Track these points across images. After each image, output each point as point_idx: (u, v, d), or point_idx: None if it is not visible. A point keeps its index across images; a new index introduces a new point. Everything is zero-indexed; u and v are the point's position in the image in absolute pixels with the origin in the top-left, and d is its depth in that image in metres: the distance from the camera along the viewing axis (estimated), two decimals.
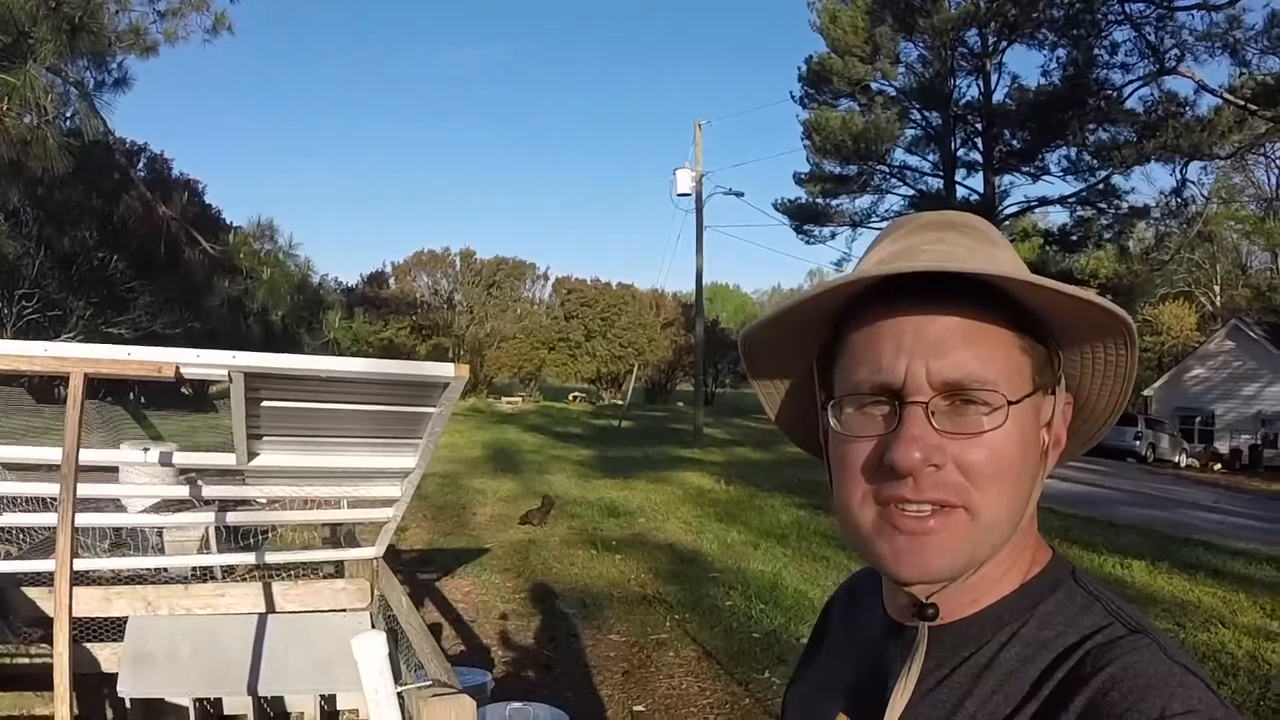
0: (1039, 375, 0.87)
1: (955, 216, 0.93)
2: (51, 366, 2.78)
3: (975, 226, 0.92)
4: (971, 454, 0.83)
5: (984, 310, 0.84)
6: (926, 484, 0.83)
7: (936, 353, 0.83)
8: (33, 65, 9.36)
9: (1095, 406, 0.94)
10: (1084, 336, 0.87)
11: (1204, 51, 27.37)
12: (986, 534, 0.84)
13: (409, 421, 3.45)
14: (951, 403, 0.84)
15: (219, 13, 13.57)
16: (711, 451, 26.23)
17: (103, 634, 4.34)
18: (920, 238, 0.91)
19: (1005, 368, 0.84)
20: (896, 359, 0.85)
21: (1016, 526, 0.87)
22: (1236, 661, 7.19)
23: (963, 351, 0.83)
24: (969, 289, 0.83)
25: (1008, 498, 0.84)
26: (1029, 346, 0.86)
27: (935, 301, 0.84)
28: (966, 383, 0.83)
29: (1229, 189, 47.86)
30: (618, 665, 6.86)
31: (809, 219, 39.39)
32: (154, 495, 4.28)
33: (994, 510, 0.84)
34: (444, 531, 12.11)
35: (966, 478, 0.83)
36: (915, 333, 0.84)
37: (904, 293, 0.85)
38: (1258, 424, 35.19)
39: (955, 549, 0.84)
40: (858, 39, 34.16)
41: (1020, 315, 0.85)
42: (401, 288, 59.19)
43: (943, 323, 0.84)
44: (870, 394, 0.86)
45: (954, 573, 0.85)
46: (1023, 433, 0.85)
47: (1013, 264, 0.88)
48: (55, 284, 18.92)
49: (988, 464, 0.83)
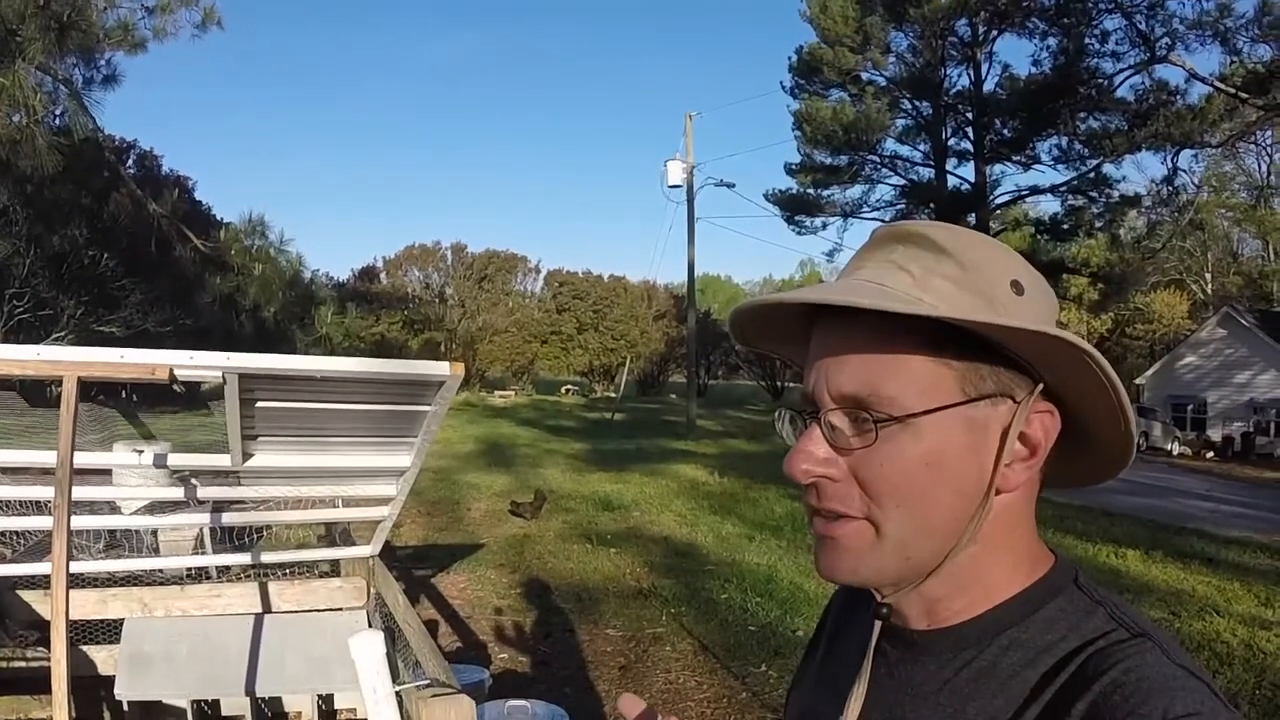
0: (974, 386, 0.85)
1: (909, 227, 0.91)
2: (44, 370, 2.77)
3: (926, 235, 0.89)
4: (867, 470, 0.84)
5: (893, 330, 0.83)
6: (825, 494, 0.86)
7: (836, 369, 0.86)
8: (21, 64, 9.31)
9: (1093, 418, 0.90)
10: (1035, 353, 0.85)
11: (1195, 40, 27.38)
12: (894, 548, 0.85)
13: (404, 420, 3.45)
14: (849, 418, 0.85)
15: (207, 8, 13.48)
16: (705, 443, 26.29)
17: (98, 636, 4.32)
18: (870, 256, 0.91)
19: (912, 382, 0.83)
20: (810, 373, 0.89)
21: (951, 540, 0.86)
22: (1231, 650, 7.22)
23: (862, 367, 0.84)
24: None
25: (912, 513, 0.84)
26: (954, 360, 0.84)
27: (850, 324, 0.85)
28: (861, 396, 0.84)
29: (1220, 177, 47.95)
30: (614, 660, 6.86)
31: (800, 209, 39.36)
32: (148, 497, 4.26)
33: (898, 528, 0.84)
34: (438, 527, 12.12)
35: (865, 492, 0.84)
36: (824, 350, 0.88)
37: (837, 312, 0.86)
38: (1250, 411, 35.25)
39: (857, 558, 0.87)
40: (848, 29, 34.12)
41: (944, 331, 0.83)
42: (393, 282, 59.25)
43: (849, 340, 0.86)
44: (801, 405, 0.91)
45: (862, 579, 0.89)
46: (931, 449, 0.83)
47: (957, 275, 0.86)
48: (46, 283, 18.90)
49: (882, 479, 0.84)
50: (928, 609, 0.90)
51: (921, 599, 0.90)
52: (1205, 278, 54.89)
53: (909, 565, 0.86)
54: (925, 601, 0.90)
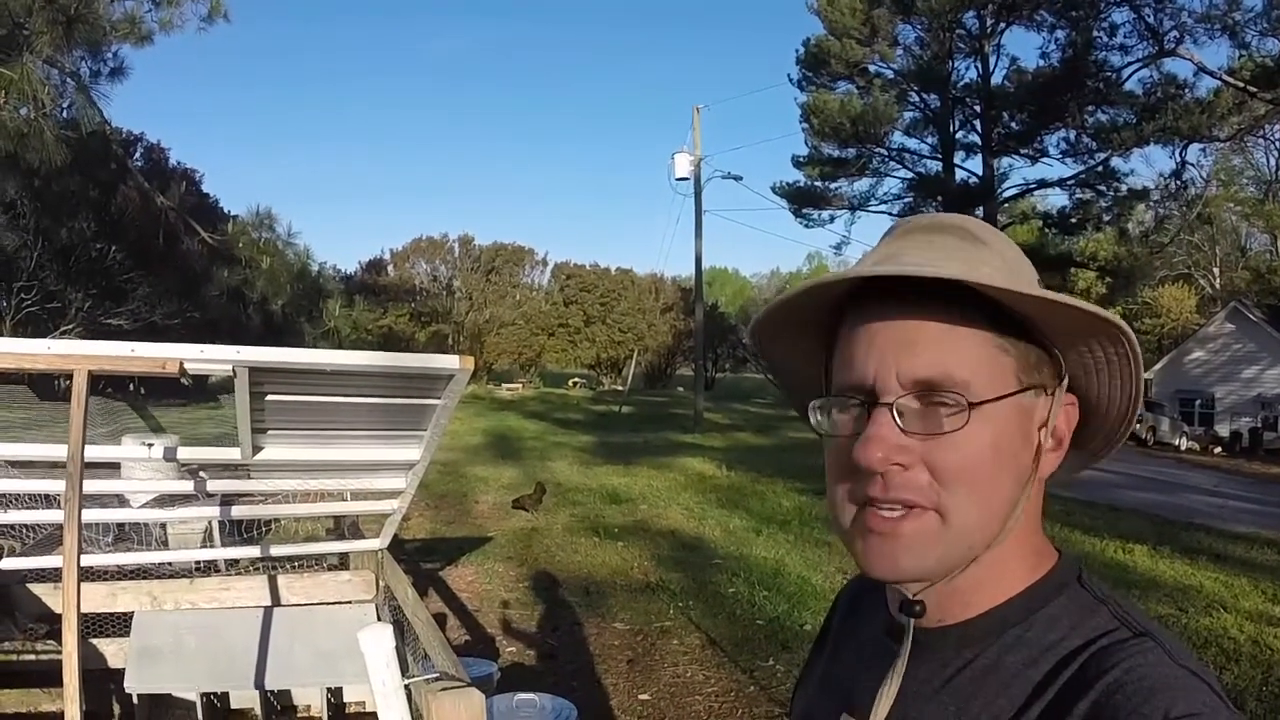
0: (1026, 375, 0.86)
1: (948, 218, 0.93)
2: (55, 364, 2.77)
3: (965, 228, 0.92)
4: (939, 455, 0.83)
5: (960, 312, 0.84)
6: (894, 484, 0.83)
7: (907, 353, 0.84)
8: (29, 57, 9.33)
9: (1107, 408, 0.93)
10: (1074, 336, 0.86)
11: (1203, 33, 27.34)
12: (958, 537, 0.84)
13: (413, 414, 3.45)
14: (921, 403, 0.84)
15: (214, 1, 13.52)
16: (712, 437, 26.28)
17: (108, 629, 4.34)
18: (908, 241, 0.91)
19: (980, 368, 0.84)
20: (867, 359, 0.86)
21: (1000, 528, 0.86)
22: (1239, 646, 7.19)
23: (933, 352, 0.84)
24: (944, 292, 0.83)
25: (979, 499, 0.84)
26: (1010, 346, 0.85)
27: (911, 304, 0.84)
28: (935, 382, 0.83)
29: (1228, 171, 47.88)
30: (622, 654, 6.86)
31: (808, 202, 39.34)
32: (158, 490, 4.27)
33: (964, 513, 0.84)
34: (446, 520, 12.13)
35: (936, 479, 0.83)
36: (886, 334, 0.85)
37: (884, 296, 0.86)
38: (1258, 407, 35.14)
39: (924, 550, 0.84)
40: (855, 21, 34.07)
41: (1002, 316, 0.84)
42: (400, 275, 59.23)
43: (915, 324, 0.84)
44: (848, 394, 0.88)
45: (925, 573, 0.86)
46: (998, 433, 0.84)
47: (996, 265, 0.87)
48: (54, 276, 18.92)
49: (956, 465, 0.83)
50: (941, 605, 0.89)
51: (942, 594, 0.89)
52: (1213, 272, 54.72)
53: (967, 554, 0.86)
54: (944, 597, 0.89)
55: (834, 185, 39.33)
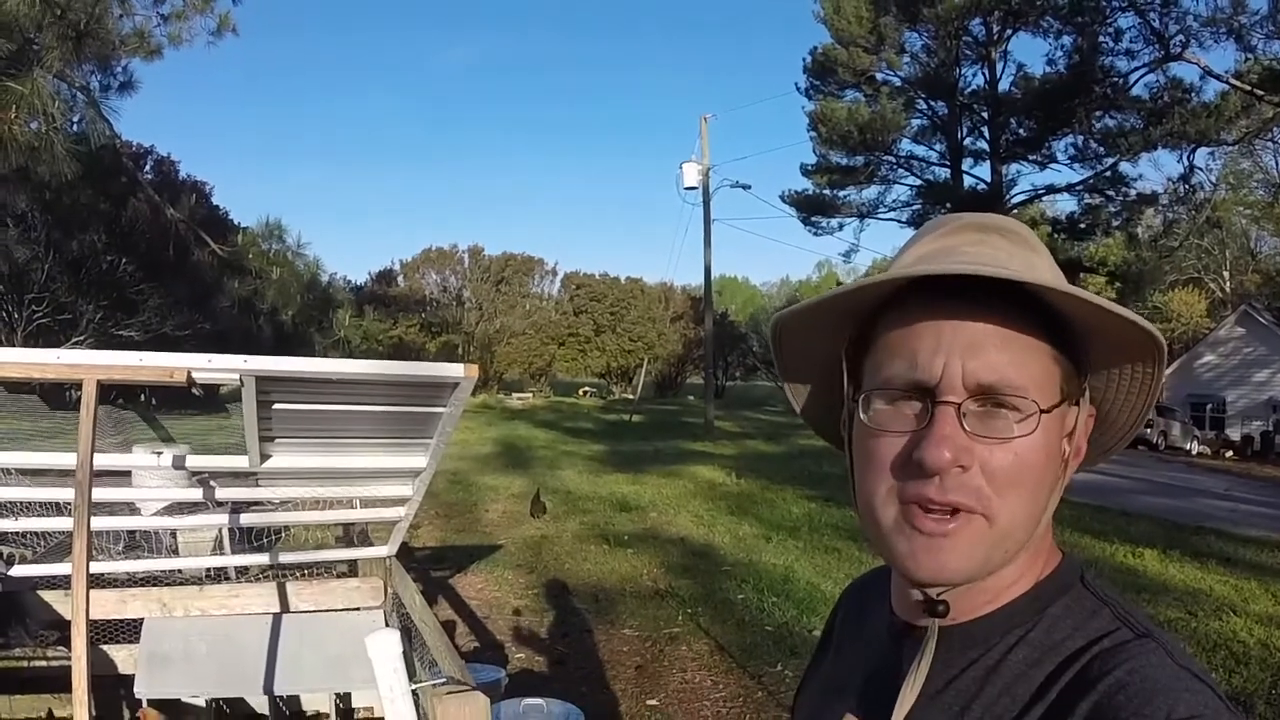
0: (1067, 386, 0.87)
1: (997, 220, 0.94)
2: (64, 374, 2.80)
3: (1015, 231, 0.92)
4: (998, 459, 0.83)
5: (1020, 317, 0.84)
6: (951, 485, 0.83)
7: (972, 354, 0.84)
8: (39, 72, 9.39)
9: (1117, 420, 0.95)
10: (1115, 352, 0.88)
11: (1209, 37, 27.20)
12: (1002, 540, 0.85)
13: (420, 422, 3.47)
14: (983, 406, 0.84)
15: (222, 14, 13.57)
16: (722, 445, 26.25)
17: (118, 636, 4.36)
18: (960, 238, 0.92)
19: (1037, 375, 0.85)
20: (933, 357, 0.85)
21: (1032, 533, 0.87)
22: (1248, 650, 7.18)
23: (998, 355, 0.84)
24: (1006, 294, 0.84)
25: (1026, 505, 0.85)
26: (1059, 357, 0.86)
27: (973, 304, 0.84)
28: (1000, 387, 0.83)
29: (1237, 174, 47.62)
30: (631, 660, 6.88)
31: (816, 210, 39.27)
32: (167, 498, 4.30)
33: (1011, 517, 0.84)
34: (456, 529, 12.15)
35: (989, 483, 0.83)
36: (952, 333, 0.85)
37: (942, 292, 0.86)
38: (1269, 410, 34.97)
39: (971, 553, 0.84)
40: (862, 29, 34.03)
41: (1053, 325, 0.85)
42: (410, 285, 59.19)
43: (980, 326, 0.84)
44: (903, 390, 0.87)
45: (968, 576, 0.86)
46: (1047, 442, 0.85)
47: (1051, 271, 0.88)
48: (65, 288, 18.99)
49: (1012, 471, 0.83)
50: (953, 606, 0.89)
51: (956, 595, 0.89)
52: (1223, 276, 54.52)
53: (1005, 558, 0.86)
54: (957, 597, 0.89)
55: (842, 193, 39.23)
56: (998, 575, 0.89)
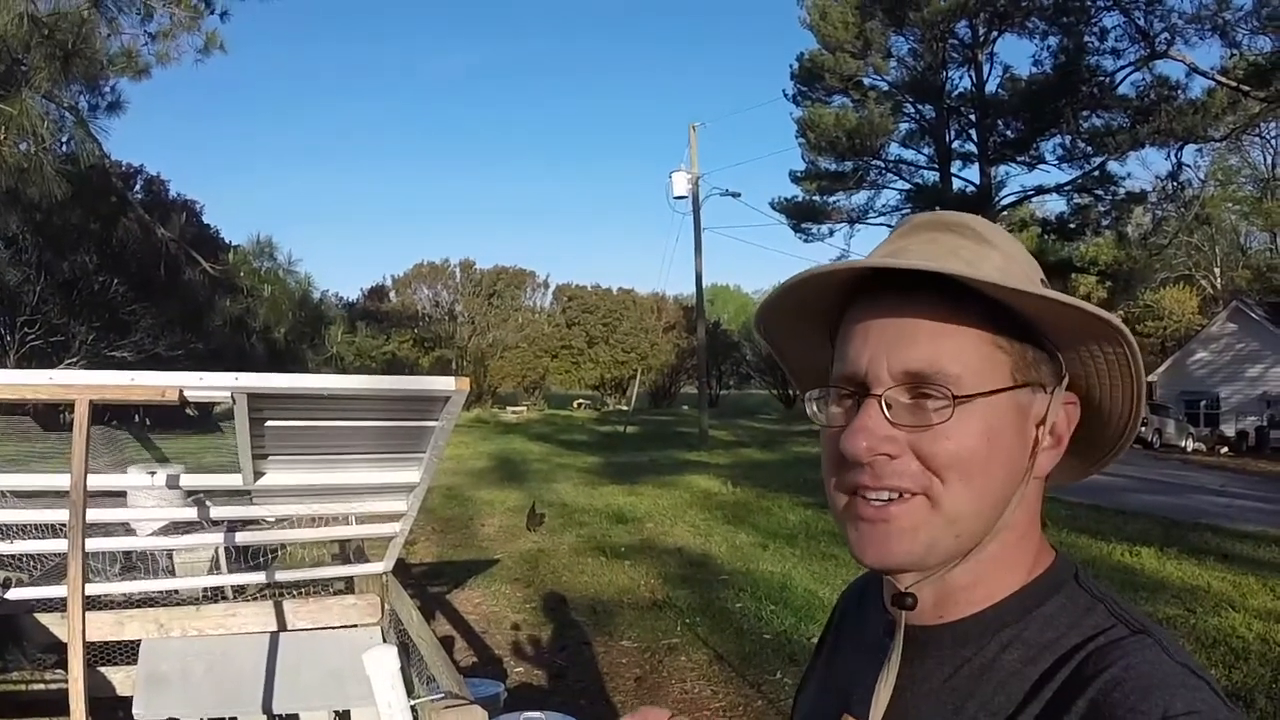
0: (1021, 373, 0.87)
1: (950, 217, 0.94)
2: (57, 394, 2.80)
3: (969, 225, 0.93)
4: (929, 445, 0.84)
5: (958, 309, 0.85)
6: (884, 473, 0.85)
7: (898, 346, 0.85)
8: (28, 92, 9.39)
9: (1110, 409, 0.94)
10: (1072, 336, 0.88)
11: (1194, 34, 27.35)
12: (949, 524, 0.85)
13: (412, 436, 3.47)
14: (911, 395, 0.85)
15: (210, 32, 13.58)
16: (717, 454, 26.25)
17: (116, 657, 4.35)
18: (913, 238, 0.93)
19: (972, 363, 0.85)
20: (861, 352, 0.88)
21: (993, 521, 0.87)
22: (1247, 645, 7.19)
23: (926, 345, 0.85)
24: (946, 289, 0.84)
25: (973, 490, 0.85)
26: (1007, 344, 0.87)
27: (906, 299, 0.86)
28: (924, 374, 0.84)
29: (1225, 171, 47.79)
30: (630, 671, 6.87)
31: (807, 217, 39.35)
32: (163, 518, 4.29)
33: (955, 500, 0.85)
34: (453, 544, 12.14)
35: (927, 467, 0.84)
36: (881, 328, 0.87)
37: (885, 291, 0.87)
38: (1263, 405, 35.03)
39: (913, 535, 0.85)
40: (848, 34, 34.13)
41: (1000, 315, 0.85)
42: (402, 301, 59.26)
43: (911, 320, 0.86)
44: (839, 386, 0.90)
45: (915, 560, 0.87)
46: (990, 426, 0.85)
47: (1003, 264, 0.88)
48: (56, 309, 18.98)
49: (946, 454, 0.84)
50: (940, 602, 0.90)
51: (940, 590, 0.90)
52: (1214, 272, 54.63)
53: (957, 544, 0.87)
54: (942, 593, 0.90)
55: (832, 199, 39.35)
56: (984, 572, 0.89)
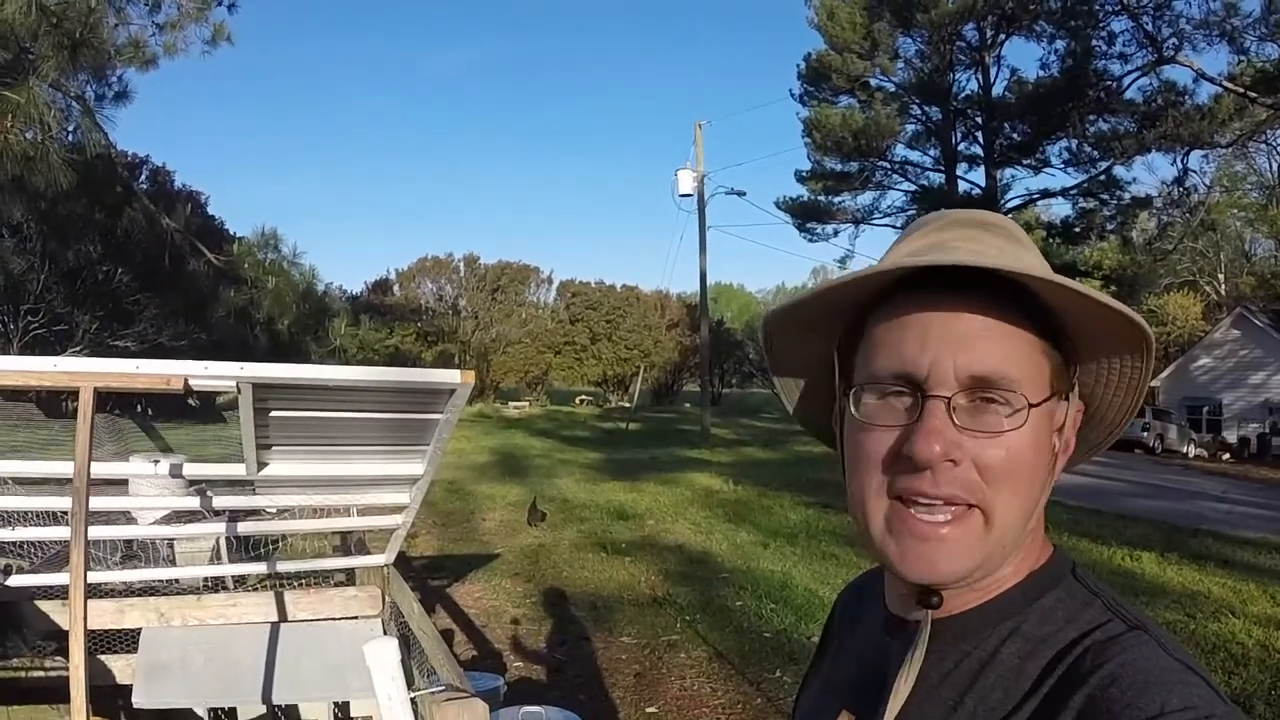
0: (1056, 380, 0.87)
1: (985, 215, 0.94)
2: (61, 382, 2.80)
3: (1004, 227, 0.93)
4: (989, 453, 0.83)
5: (1010, 310, 0.84)
6: (943, 479, 0.83)
7: (963, 348, 0.84)
8: (35, 81, 9.38)
9: (1105, 416, 0.95)
10: (1103, 346, 0.88)
11: (1202, 40, 27.41)
12: (999, 539, 0.85)
13: (416, 429, 3.46)
14: (973, 400, 0.84)
15: (217, 24, 13.53)
16: (719, 452, 26.23)
17: (116, 646, 4.34)
18: (951, 234, 0.92)
19: (1028, 369, 0.85)
20: (922, 351, 0.85)
21: (1025, 530, 0.87)
22: (1247, 651, 7.18)
23: (989, 349, 0.84)
24: (994, 288, 0.84)
25: (1020, 500, 0.85)
26: (1049, 351, 0.87)
27: (963, 297, 0.85)
28: (991, 380, 0.83)
29: (1231, 177, 47.72)
30: (629, 667, 6.87)
31: (811, 217, 39.41)
32: (164, 507, 4.29)
33: (1006, 512, 0.84)
34: (454, 538, 12.14)
35: (982, 477, 0.83)
36: (942, 326, 0.85)
37: (932, 287, 0.86)
38: (1265, 412, 35.02)
39: (967, 554, 0.84)
40: (856, 35, 34.15)
41: (1043, 319, 0.85)
42: (406, 294, 59.20)
43: (970, 319, 0.84)
44: (892, 383, 0.87)
45: (961, 577, 0.86)
46: (1037, 436, 0.85)
47: (1041, 266, 0.87)
48: (60, 299, 18.97)
49: (1004, 464, 0.83)
50: (950, 597, 0.90)
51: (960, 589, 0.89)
52: (1218, 279, 54.60)
53: (1001, 556, 0.86)
54: (960, 590, 0.89)
55: (837, 199, 39.44)
56: (1006, 568, 0.89)
